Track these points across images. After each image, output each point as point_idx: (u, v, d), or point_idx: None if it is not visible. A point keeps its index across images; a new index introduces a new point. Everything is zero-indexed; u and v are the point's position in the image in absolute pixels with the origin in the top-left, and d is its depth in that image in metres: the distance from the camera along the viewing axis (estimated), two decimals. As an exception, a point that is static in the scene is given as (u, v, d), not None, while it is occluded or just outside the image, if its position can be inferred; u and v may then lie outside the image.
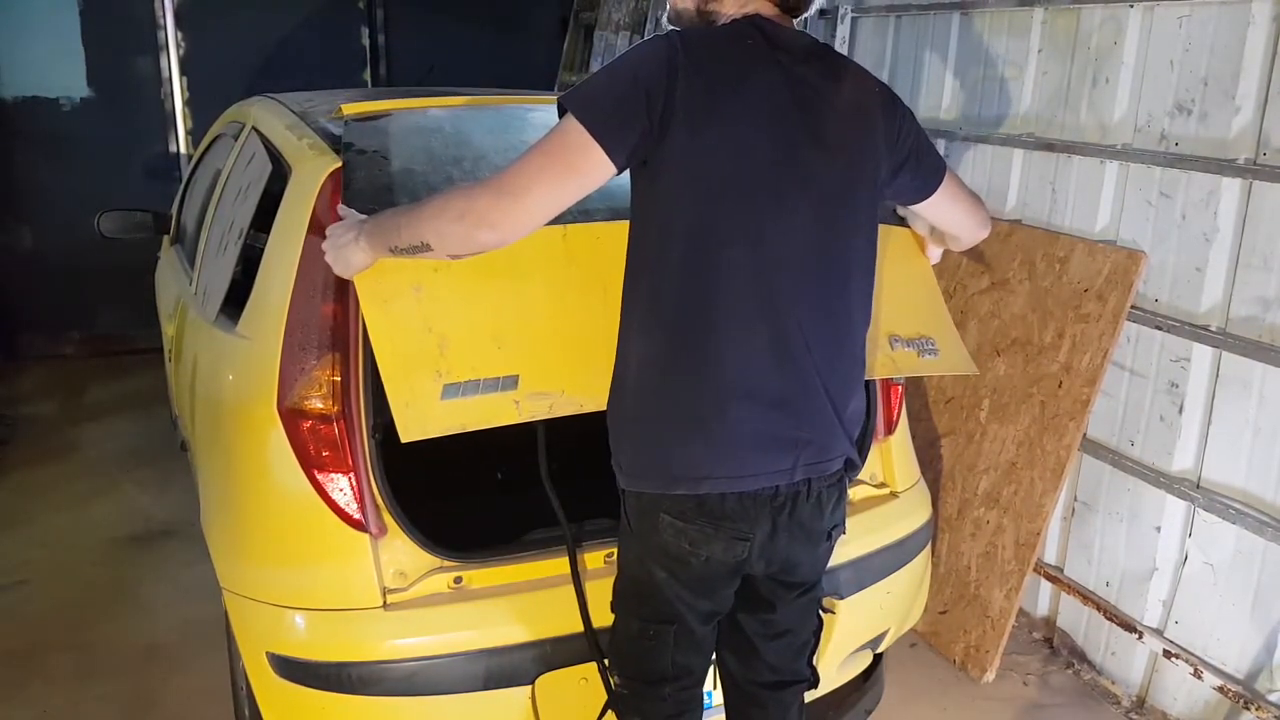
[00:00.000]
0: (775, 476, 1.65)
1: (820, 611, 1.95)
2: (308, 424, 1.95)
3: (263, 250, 2.24)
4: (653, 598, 1.76)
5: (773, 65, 1.61)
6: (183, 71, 5.87)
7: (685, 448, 1.62)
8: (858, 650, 2.39)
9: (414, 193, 1.96)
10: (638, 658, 1.84)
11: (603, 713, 2.04)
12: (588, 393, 1.84)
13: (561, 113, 1.57)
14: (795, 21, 1.72)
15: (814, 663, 1.95)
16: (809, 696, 2.02)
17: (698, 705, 1.92)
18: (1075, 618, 3.18)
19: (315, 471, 1.95)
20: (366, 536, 1.95)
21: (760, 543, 1.68)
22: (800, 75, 1.63)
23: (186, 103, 5.91)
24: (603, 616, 2.01)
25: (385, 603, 1.94)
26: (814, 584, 1.87)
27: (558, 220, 1.66)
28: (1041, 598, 3.31)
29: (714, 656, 1.94)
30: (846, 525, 1.84)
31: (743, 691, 1.93)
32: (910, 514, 2.47)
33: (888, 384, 2.48)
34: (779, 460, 1.64)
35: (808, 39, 1.69)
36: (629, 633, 1.83)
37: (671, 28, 1.71)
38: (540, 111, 2.49)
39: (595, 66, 6.09)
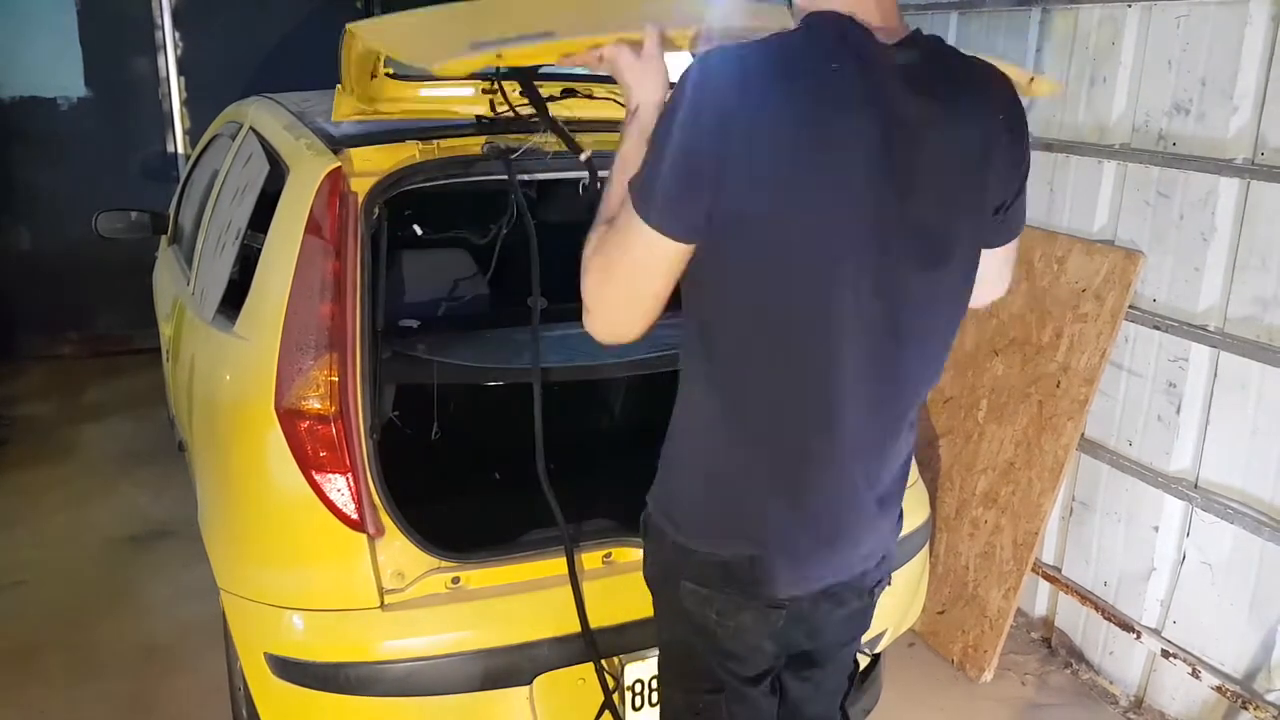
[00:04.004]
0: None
1: (858, 653, 1.79)
2: (305, 424, 1.96)
3: (260, 250, 2.24)
4: (692, 666, 1.58)
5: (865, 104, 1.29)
6: (180, 71, 5.86)
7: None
8: (856, 650, 2.38)
9: None
10: None
11: (600, 713, 2.04)
12: None
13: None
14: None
15: (846, 706, 1.77)
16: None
17: None
18: (1073, 617, 3.18)
19: (313, 472, 1.95)
20: (364, 537, 1.95)
21: (799, 611, 1.50)
22: (902, 116, 1.31)
23: (184, 103, 5.90)
24: (600, 617, 2.01)
25: (383, 603, 1.94)
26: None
27: None
28: (1040, 597, 3.31)
29: None
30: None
31: None
32: (908, 514, 2.44)
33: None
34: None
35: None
36: (677, 706, 1.64)
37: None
38: None
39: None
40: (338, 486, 1.95)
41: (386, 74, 2.12)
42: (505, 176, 2.23)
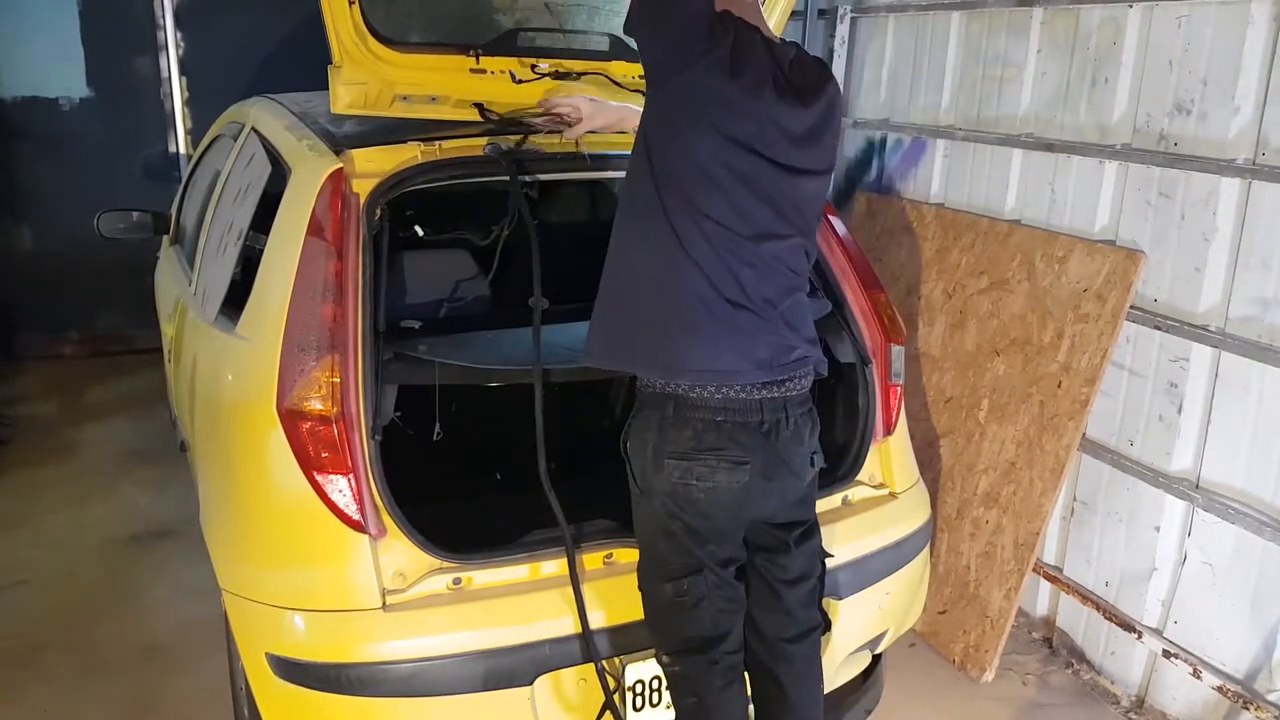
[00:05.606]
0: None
1: (824, 557, 2.07)
2: (307, 425, 1.96)
3: (262, 251, 2.24)
4: (674, 553, 1.89)
5: None
6: (182, 71, 5.87)
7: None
8: (857, 650, 2.39)
9: None
10: (680, 623, 1.92)
11: (601, 713, 2.04)
12: None
13: None
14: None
15: (822, 605, 2.08)
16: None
17: (743, 677, 2.00)
18: (1074, 617, 3.18)
19: (314, 472, 1.95)
20: (366, 537, 1.96)
21: (757, 469, 1.84)
22: None
23: (186, 103, 5.90)
24: (601, 617, 2.01)
25: (384, 604, 1.94)
26: (812, 525, 2.04)
27: None
28: (1041, 597, 3.31)
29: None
30: (823, 463, 2.03)
31: (773, 650, 2.01)
32: (909, 515, 2.47)
33: (887, 384, 2.48)
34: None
35: None
36: (664, 600, 1.93)
37: None
38: None
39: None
40: (339, 487, 1.95)
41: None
42: (507, 177, 2.24)
